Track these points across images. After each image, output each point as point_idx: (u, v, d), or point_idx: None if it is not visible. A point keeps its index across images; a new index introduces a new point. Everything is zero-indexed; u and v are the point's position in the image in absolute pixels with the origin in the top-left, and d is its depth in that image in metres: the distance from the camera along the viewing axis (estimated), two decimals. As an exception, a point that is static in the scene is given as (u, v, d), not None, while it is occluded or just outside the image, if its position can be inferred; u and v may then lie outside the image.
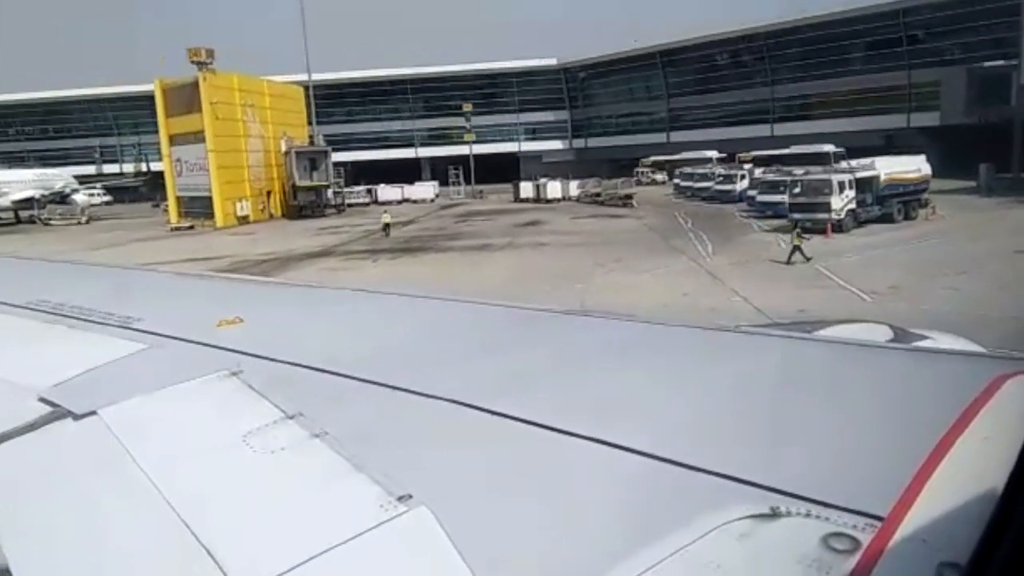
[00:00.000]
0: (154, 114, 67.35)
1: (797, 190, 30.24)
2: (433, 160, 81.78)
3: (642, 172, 66.66)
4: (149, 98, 77.77)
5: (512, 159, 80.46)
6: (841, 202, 28.31)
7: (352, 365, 2.48)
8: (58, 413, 2.22)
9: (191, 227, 47.74)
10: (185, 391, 2.35)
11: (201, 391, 2.35)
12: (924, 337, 3.82)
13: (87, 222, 55.41)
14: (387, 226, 37.08)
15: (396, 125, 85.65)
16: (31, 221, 55.70)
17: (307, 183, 52.11)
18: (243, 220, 48.69)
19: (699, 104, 74.86)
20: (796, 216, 29.08)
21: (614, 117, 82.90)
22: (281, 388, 2.26)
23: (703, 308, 17.11)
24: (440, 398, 2.14)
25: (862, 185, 29.15)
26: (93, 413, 2.18)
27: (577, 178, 57.52)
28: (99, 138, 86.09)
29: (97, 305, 3.64)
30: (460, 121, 73.95)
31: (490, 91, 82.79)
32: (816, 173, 31.86)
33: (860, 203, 29.04)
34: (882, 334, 3.86)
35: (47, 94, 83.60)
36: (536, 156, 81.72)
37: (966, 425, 1.59)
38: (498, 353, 2.78)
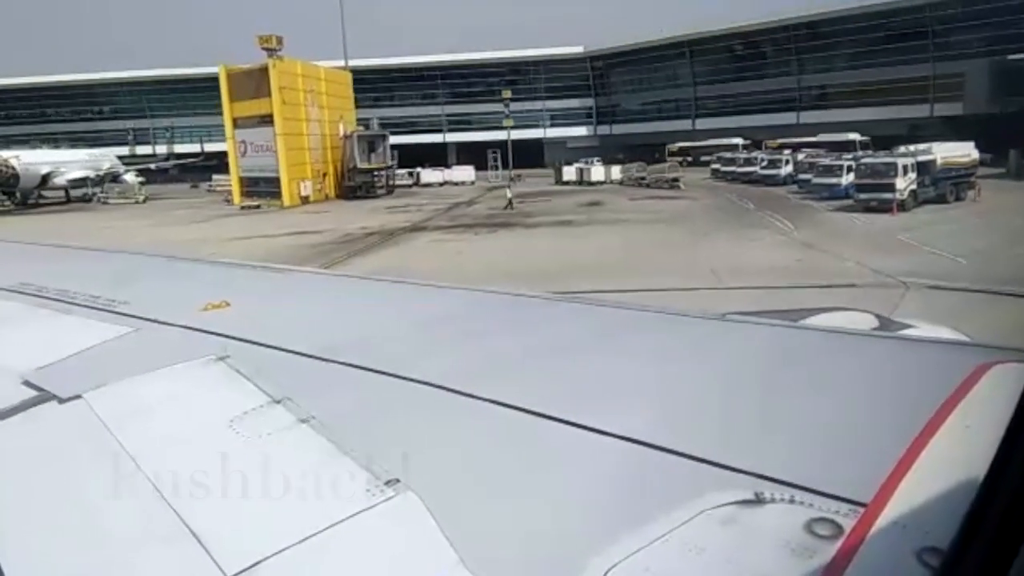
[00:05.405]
0: (190, 97, 68.91)
1: (862, 172, 33.34)
2: (459, 145, 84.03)
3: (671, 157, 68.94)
4: (183, 81, 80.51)
5: (537, 145, 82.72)
6: (904, 183, 31.37)
7: (339, 350, 2.49)
8: (43, 396, 2.20)
9: (258, 206, 49.30)
10: (171, 375, 2.33)
11: (187, 375, 2.33)
12: (908, 326, 3.87)
13: (144, 201, 56.58)
14: (511, 202, 40.57)
15: (424, 111, 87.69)
16: (84, 200, 56.66)
17: (367, 165, 54.52)
18: (304, 200, 50.73)
19: (725, 92, 77.16)
20: (862, 196, 32.06)
21: (639, 104, 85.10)
22: (268, 373, 2.25)
23: (824, 271, 19.38)
24: (427, 383, 2.15)
25: (922, 168, 32.22)
26: (78, 397, 2.16)
27: (603, 163, 60.48)
28: (132, 120, 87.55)
29: (81, 288, 3.62)
30: (487, 107, 76.66)
31: (517, 78, 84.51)
32: (882, 157, 34.99)
33: (920, 184, 32.09)
34: (867, 322, 3.92)
35: (82, 76, 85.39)
36: (560, 142, 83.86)
37: (949, 413, 1.61)
38: (485, 339, 2.82)
